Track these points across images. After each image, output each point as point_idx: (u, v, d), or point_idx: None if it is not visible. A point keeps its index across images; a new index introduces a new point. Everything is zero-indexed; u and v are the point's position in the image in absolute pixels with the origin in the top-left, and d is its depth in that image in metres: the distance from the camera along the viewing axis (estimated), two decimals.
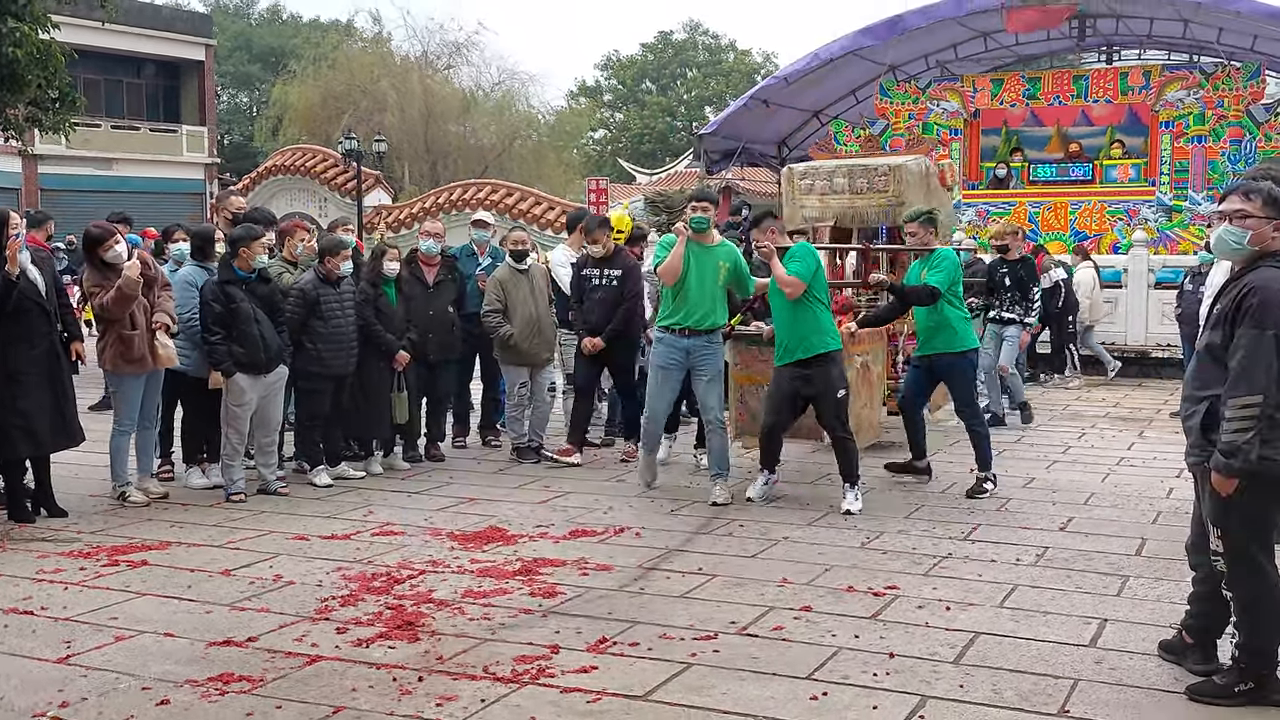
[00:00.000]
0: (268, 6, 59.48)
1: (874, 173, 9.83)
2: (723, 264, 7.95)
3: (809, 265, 7.66)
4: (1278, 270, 4.34)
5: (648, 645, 5.02)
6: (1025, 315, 11.33)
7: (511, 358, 9.28)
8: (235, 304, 7.74)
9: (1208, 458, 4.39)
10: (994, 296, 11.43)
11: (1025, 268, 11.41)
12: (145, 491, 7.89)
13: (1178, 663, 4.76)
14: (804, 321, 7.64)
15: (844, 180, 9.73)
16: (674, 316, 7.95)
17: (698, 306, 7.89)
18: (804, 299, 7.62)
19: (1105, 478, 8.80)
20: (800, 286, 7.57)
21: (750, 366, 8.93)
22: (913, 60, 21.48)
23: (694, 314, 7.89)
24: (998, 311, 11.34)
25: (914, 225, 8.68)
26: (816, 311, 7.66)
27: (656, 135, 57.89)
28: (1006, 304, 11.30)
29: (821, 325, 7.68)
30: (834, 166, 10.33)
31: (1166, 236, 18.20)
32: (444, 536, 6.93)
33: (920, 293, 8.17)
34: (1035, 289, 11.46)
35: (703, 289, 7.88)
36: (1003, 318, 11.32)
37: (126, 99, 36.50)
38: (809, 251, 7.84)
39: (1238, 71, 18.43)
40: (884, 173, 9.80)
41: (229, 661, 4.83)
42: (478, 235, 10.25)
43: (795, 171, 10.21)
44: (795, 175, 10.23)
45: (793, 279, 7.57)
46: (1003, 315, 11.31)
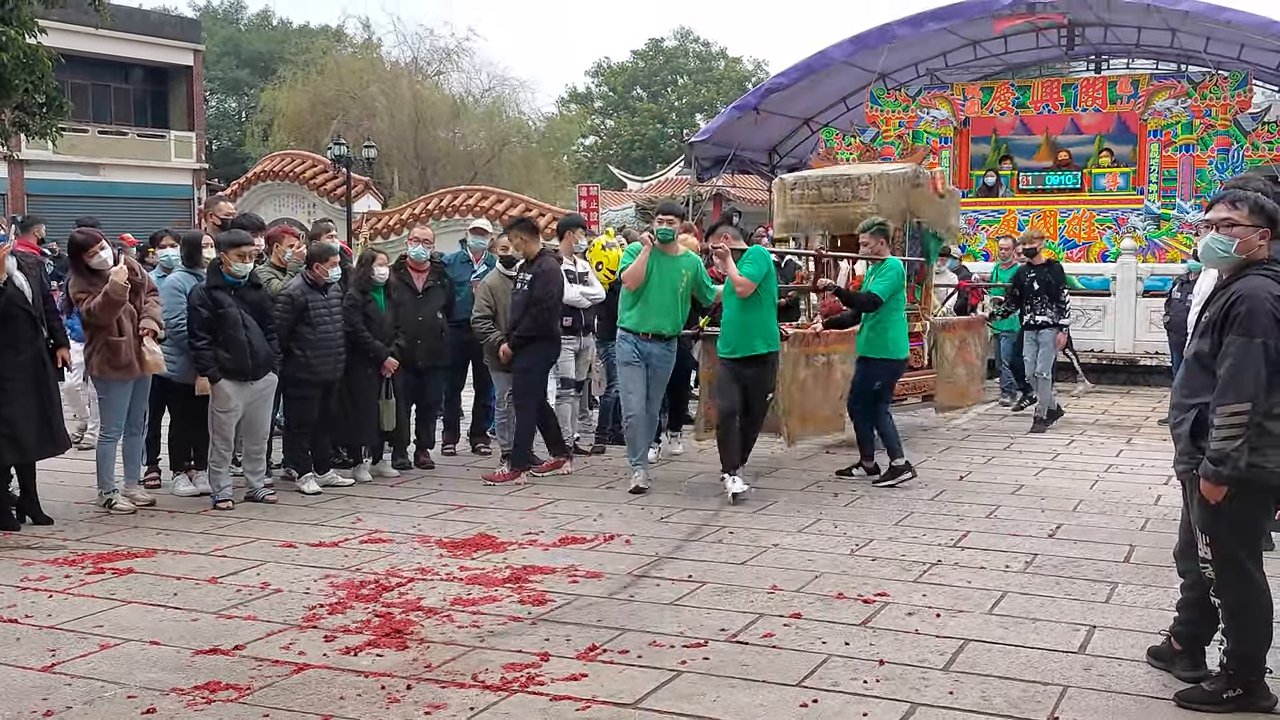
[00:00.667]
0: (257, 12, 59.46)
1: (857, 182, 10.14)
2: (685, 272, 8.47)
3: (760, 268, 8.12)
4: (1265, 278, 4.35)
5: (638, 653, 5.01)
6: (1058, 317, 11.57)
7: (502, 364, 9.25)
8: (223, 309, 7.71)
9: (1196, 465, 4.40)
10: (1025, 302, 11.67)
11: (1053, 271, 11.65)
12: (132, 499, 7.85)
13: (1166, 669, 4.77)
14: (751, 323, 8.13)
15: (831, 189, 10.03)
16: (634, 320, 8.45)
17: (658, 313, 8.39)
18: (753, 300, 8.08)
19: (1094, 485, 8.81)
20: (750, 286, 8.03)
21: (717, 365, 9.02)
22: (903, 68, 21.52)
23: (653, 319, 8.38)
24: (1030, 316, 11.59)
25: (866, 236, 9.05)
26: (763, 313, 8.17)
27: (647, 142, 57.92)
28: (1038, 308, 11.53)
29: (766, 328, 8.18)
30: (820, 176, 10.59)
31: (1155, 245, 18.24)
32: (433, 544, 6.91)
33: (863, 299, 8.76)
34: (1064, 290, 11.73)
35: (664, 296, 8.38)
36: (1036, 322, 11.55)
37: (114, 104, 36.40)
38: (762, 255, 8.30)
39: (1225, 81, 18.49)
40: (865, 181, 10.10)
41: (215, 670, 4.80)
42: (475, 243, 10.23)
43: (786, 182, 10.43)
44: (785, 185, 10.43)
45: (744, 279, 8.05)
46: (1035, 319, 11.55)
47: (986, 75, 22.28)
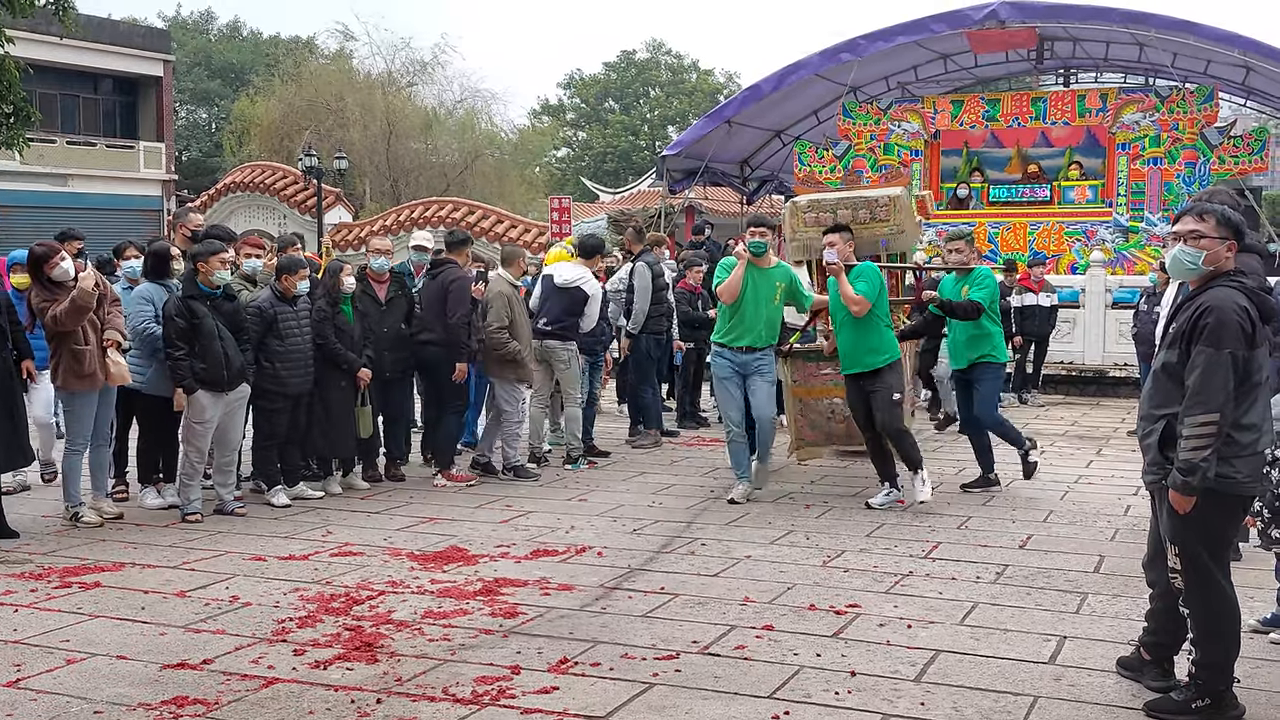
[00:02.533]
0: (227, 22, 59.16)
1: (875, 204, 10.21)
2: (779, 284, 8.52)
3: (874, 285, 8.24)
4: (1232, 289, 4.39)
5: (609, 665, 4.99)
6: None
7: (514, 374, 9.30)
8: (198, 320, 7.66)
9: (1165, 476, 4.43)
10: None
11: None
12: (99, 511, 7.77)
13: (1136, 679, 4.79)
14: (865, 338, 8.25)
15: (848, 212, 10.00)
16: (731, 335, 8.49)
17: (753, 326, 8.42)
18: (868, 316, 8.20)
19: (1064, 495, 8.86)
20: (866, 305, 8.16)
21: (808, 381, 9.52)
22: (874, 81, 21.65)
23: (750, 333, 8.44)
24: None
25: (960, 243, 9.22)
26: (880, 329, 8.27)
27: (619, 154, 58.02)
28: None
29: (881, 343, 8.28)
30: (837, 199, 10.60)
31: (1123, 257, 18.42)
32: (404, 557, 6.87)
33: (967, 308, 8.74)
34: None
35: (758, 309, 8.41)
36: None
37: (83, 114, 36.09)
38: (875, 272, 8.37)
39: (1192, 95, 18.71)
40: (884, 204, 10.18)
41: (183, 684, 4.75)
42: (416, 258, 10.25)
43: (799, 205, 10.35)
44: (799, 209, 10.34)
45: (859, 298, 8.16)
46: None
47: (957, 88, 22.47)
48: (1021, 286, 14.54)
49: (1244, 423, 4.37)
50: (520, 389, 9.42)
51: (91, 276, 7.43)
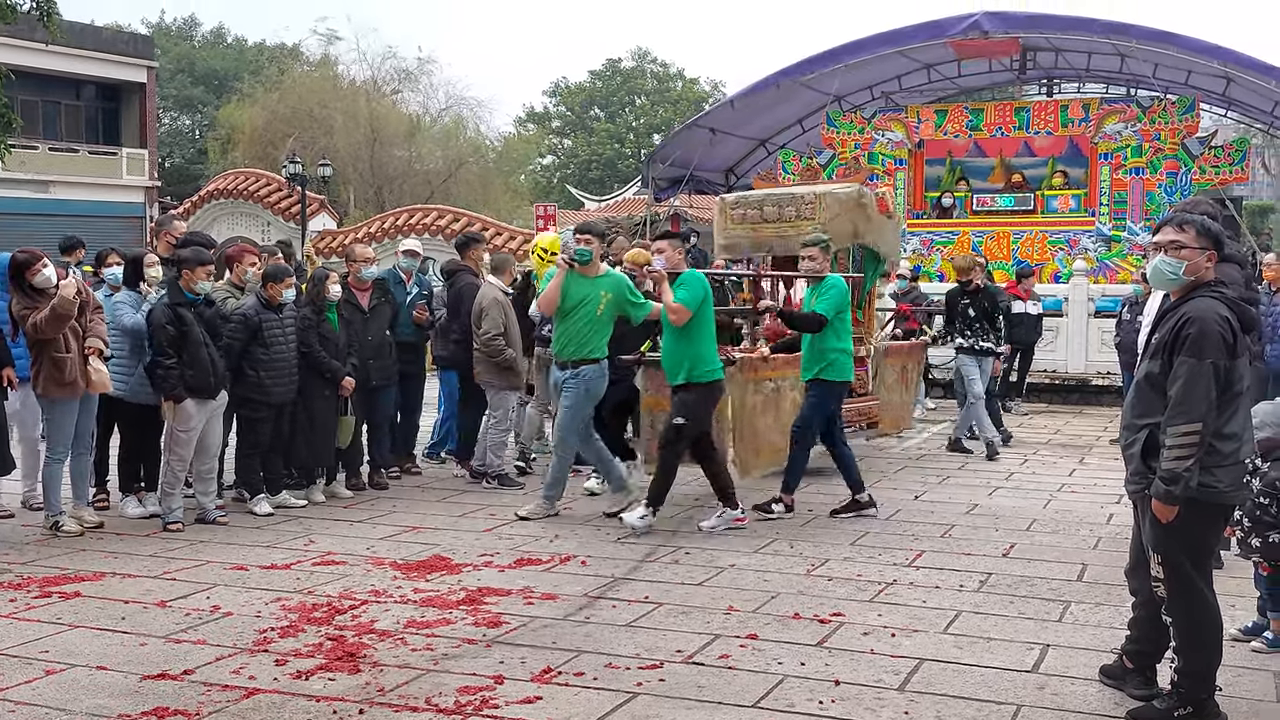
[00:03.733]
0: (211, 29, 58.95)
1: (801, 201, 9.81)
2: (605, 294, 8.03)
3: (695, 293, 7.70)
4: (1213, 300, 4.41)
5: (593, 675, 4.98)
6: (998, 344, 11.42)
7: (506, 381, 9.30)
8: (186, 326, 7.63)
9: (1148, 485, 4.44)
10: (959, 326, 11.35)
11: (987, 297, 11.42)
12: (80, 520, 7.72)
13: (1118, 688, 4.80)
14: (684, 348, 7.74)
15: (774, 209, 9.67)
16: (556, 345, 8.22)
17: (574, 337, 8.05)
18: (689, 326, 7.69)
19: (1047, 504, 8.88)
20: (685, 314, 7.65)
21: (661, 391, 8.63)
22: (858, 90, 21.74)
23: (570, 345, 8.06)
24: (973, 341, 11.25)
25: (813, 249, 8.46)
26: (699, 340, 7.74)
27: (605, 162, 58.02)
28: (980, 334, 11.26)
29: (698, 354, 7.74)
30: (763, 196, 10.28)
31: (1106, 266, 18.51)
32: (387, 566, 6.85)
33: (807, 319, 8.26)
34: (999, 317, 11.50)
35: (580, 321, 8.02)
36: (980, 347, 11.25)
37: (65, 121, 35.92)
38: (698, 279, 7.85)
39: (1173, 105, 18.83)
40: (810, 201, 9.78)
41: (163, 695, 4.72)
42: (405, 263, 10.21)
43: (727, 202, 10.07)
44: (726, 206, 10.08)
45: (678, 305, 7.66)
46: (979, 345, 11.25)
47: (940, 98, 22.55)
48: (1010, 295, 14.51)
49: (1225, 432, 4.39)
50: (509, 396, 9.41)
51: (73, 284, 7.40)
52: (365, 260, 9.30)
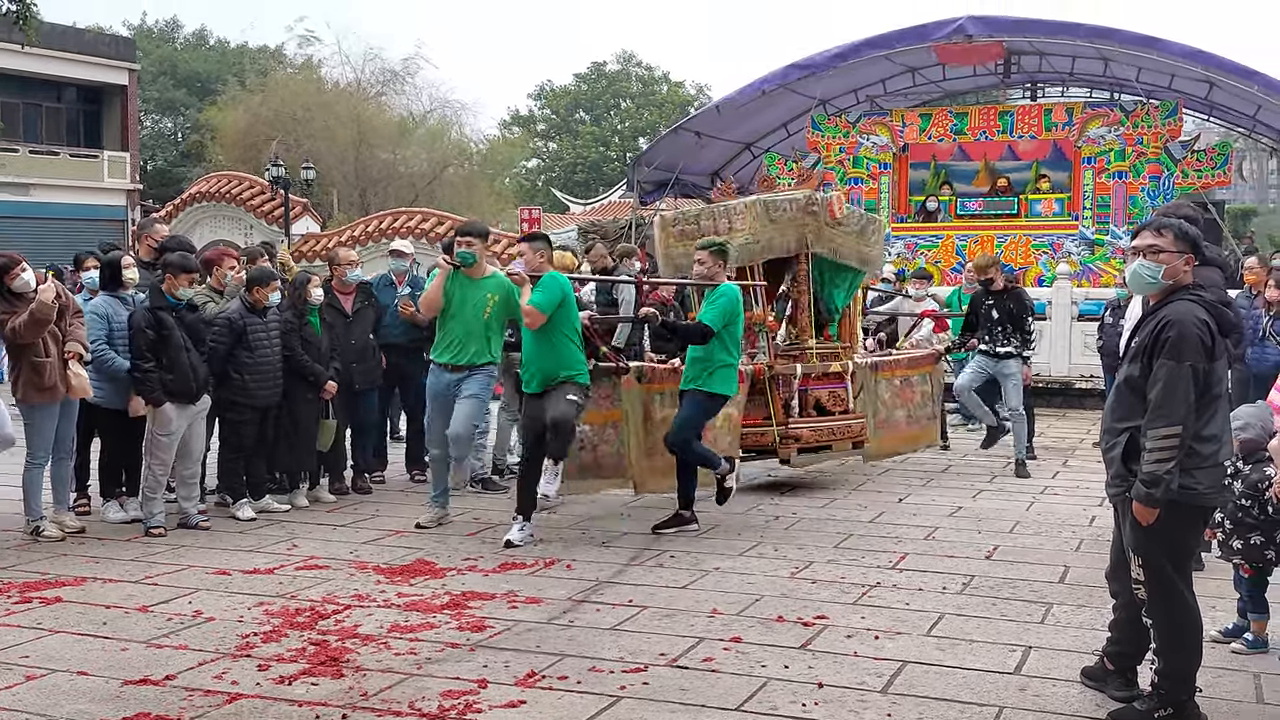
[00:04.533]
0: (193, 31, 58.70)
1: (733, 212, 9.25)
2: (491, 296, 7.85)
3: (552, 296, 7.44)
4: (1192, 303, 4.44)
5: (577, 678, 4.98)
6: (1023, 348, 10.73)
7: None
8: (167, 331, 7.61)
9: (1129, 488, 4.47)
10: (982, 331, 10.68)
11: (1014, 298, 10.77)
12: (61, 526, 7.68)
13: (1100, 689, 4.82)
14: (545, 354, 7.51)
15: (710, 223, 9.15)
16: (438, 349, 7.95)
17: (462, 341, 7.83)
18: (548, 330, 7.46)
19: (1029, 506, 8.92)
20: (539, 317, 7.41)
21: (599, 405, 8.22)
22: (843, 94, 21.79)
23: (457, 348, 7.84)
24: (991, 346, 10.59)
25: (703, 254, 7.97)
26: (558, 344, 7.48)
27: (590, 165, 58.02)
28: (1000, 338, 10.57)
29: (560, 359, 7.49)
30: (700, 210, 9.78)
31: (1089, 269, 18.59)
32: (370, 570, 6.83)
33: (692, 330, 7.83)
34: (1029, 319, 10.85)
35: (466, 323, 7.83)
36: (998, 352, 10.56)
37: (46, 123, 35.75)
38: (555, 282, 7.53)
39: (1156, 110, 18.93)
40: (739, 211, 9.21)
41: (145, 700, 4.70)
42: (396, 265, 10.16)
43: (667, 220, 9.49)
44: (668, 224, 9.45)
45: (531, 309, 7.44)
46: (998, 350, 10.56)
47: (925, 102, 22.63)
48: None
49: (1205, 434, 4.42)
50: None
51: (51, 289, 7.36)
52: (349, 264, 9.29)
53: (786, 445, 9.28)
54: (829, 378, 9.62)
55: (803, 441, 9.31)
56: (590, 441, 8.21)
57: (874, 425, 10.14)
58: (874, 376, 10.26)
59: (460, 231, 8.14)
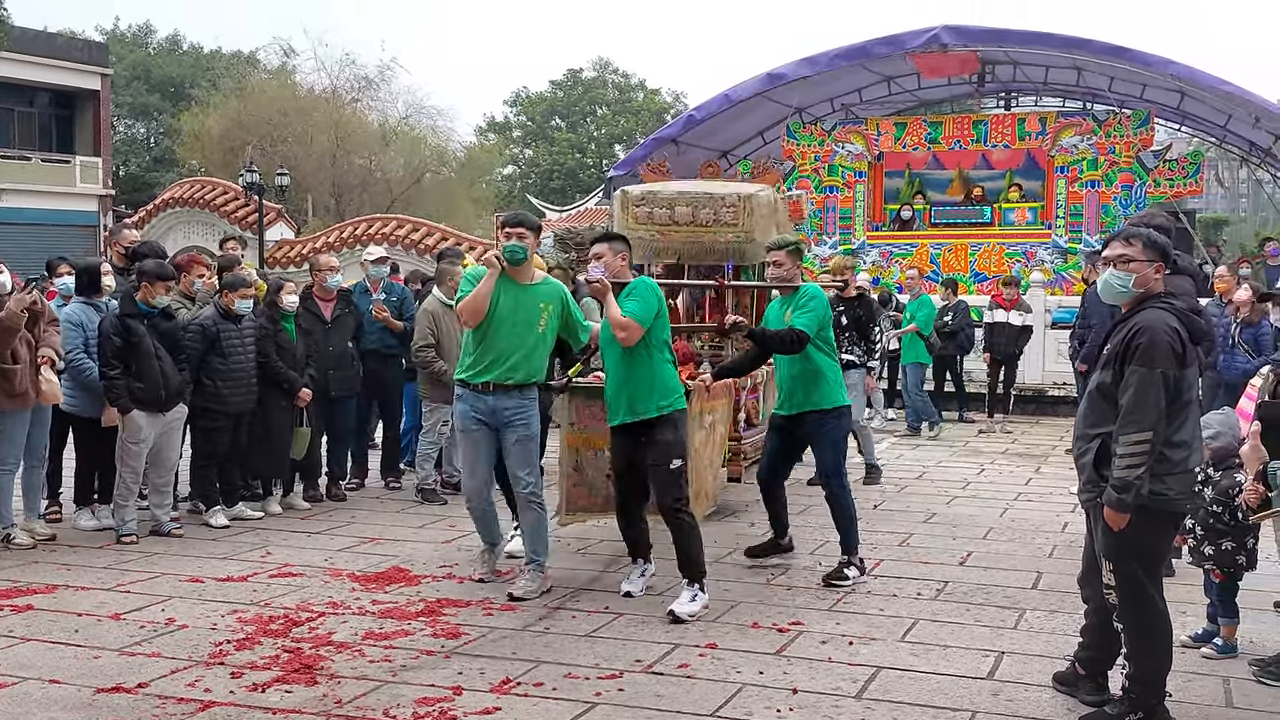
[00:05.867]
0: (166, 36, 58.38)
1: (721, 203, 8.34)
2: (545, 306, 6.47)
3: (649, 305, 6.29)
4: (1163, 311, 4.49)
5: (552, 685, 4.98)
6: (867, 358, 10.37)
7: (441, 394, 8.87)
8: (136, 339, 7.56)
9: (1100, 494, 4.50)
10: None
11: (863, 306, 10.37)
12: (31, 533, 7.61)
13: (1071, 694, 4.86)
14: (637, 376, 6.31)
15: (687, 210, 8.22)
16: (476, 368, 6.46)
17: (507, 357, 6.40)
18: (640, 348, 6.30)
19: (1003, 512, 8.97)
20: (637, 330, 6.23)
21: (588, 426, 7.26)
22: (819, 103, 21.86)
23: (501, 366, 6.40)
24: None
25: (780, 254, 7.18)
26: (654, 364, 6.33)
27: (566, 172, 58.02)
28: (844, 345, 9.87)
29: (657, 382, 6.32)
30: (676, 194, 8.68)
31: (1062, 278, 18.71)
32: (345, 577, 6.80)
33: (786, 338, 6.84)
34: (875, 329, 10.51)
35: (515, 336, 6.41)
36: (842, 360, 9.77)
37: (17, 128, 35.49)
38: (650, 289, 6.43)
39: (1128, 119, 19.09)
40: (733, 203, 8.34)
41: (117, 708, 4.67)
42: (374, 271, 10.09)
43: (630, 196, 8.38)
44: (630, 201, 8.37)
45: (628, 320, 6.22)
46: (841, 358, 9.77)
47: (900, 110, 22.73)
48: (993, 302, 14.31)
49: (1175, 440, 4.47)
50: (441, 410, 9.00)
51: (23, 299, 7.30)
52: (329, 269, 9.23)
53: (737, 462, 8.67)
54: (754, 389, 9.02)
55: (749, 458, 8.64)
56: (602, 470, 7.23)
57: None
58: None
59: (509, 222, 6.63)
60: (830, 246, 20.16)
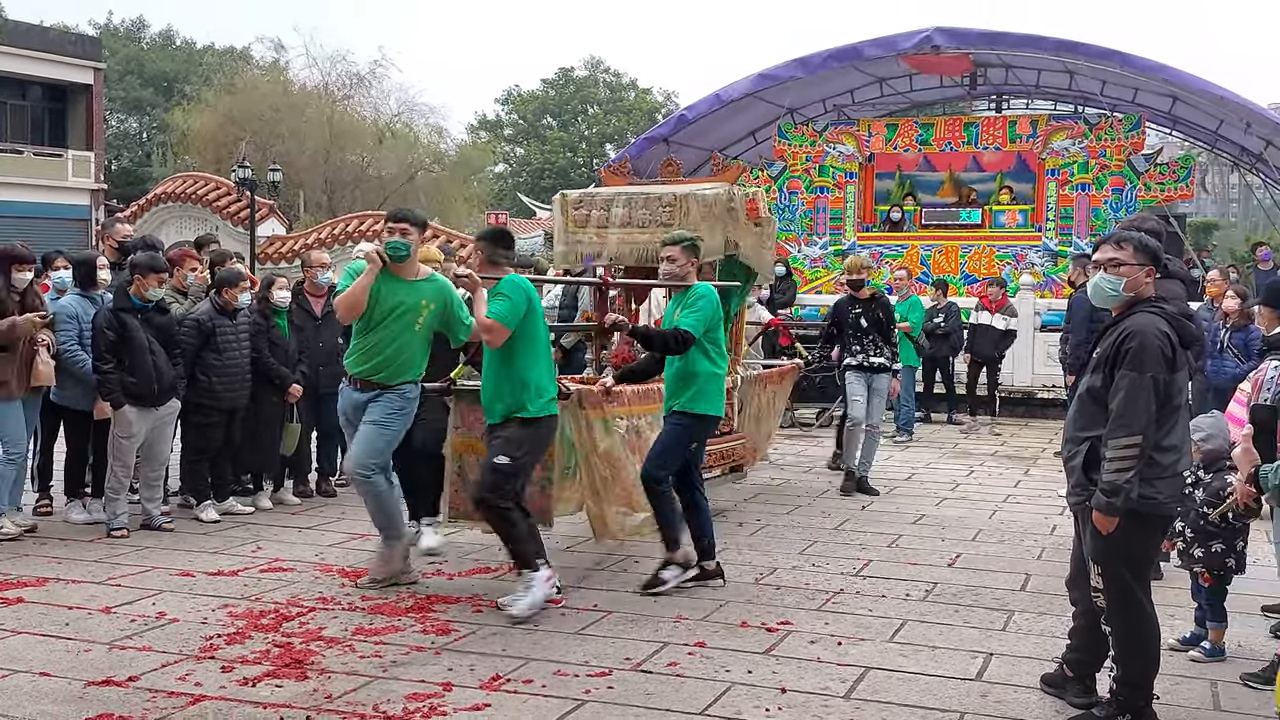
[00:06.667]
0: (160, 31, 58.32)
1: (658, 203, 8.09)
2: (426, 304, 6.40)
3: (517, 306, 6.07)
4: (1153, 315, 4.51)
5: (542, 682, 4.99)
6: (893, 361, 10.02)
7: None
8: (129, 333, 7.56)
9: (1089, 497, 4.53)
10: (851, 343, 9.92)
11: (881, 306, 10.04)
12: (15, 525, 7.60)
13: (1059, 696, 4.89)
14: (506, 376, 6.13)
15: (622, 210, 7.94)
16: (352, 360, 6.48)
17: (382, 352, 6.37)
18: (511, 347, 6.11)
19: (993, 514, 9.00)
20: (502, 332, 6.03)
21: (472, 430, 6.90)
22: (811, 103, 21.90)
23: (375, 361, 6.38)
24: (864, 358, 9.84)
25: (674, 250, 6.83)
26: (523, 364, 6.13)
27: (557, 170, 58.01)
28: (872, 349, 9.84)
29: (522, 381, 6.11)
30: (613, 195, 8.40)
31: (1052, 280, 18.76)
32: (335, 573, 6.81)
33: (670, 338, 6.56)
34: (894, 329, 10.22)
35: (394, 332, 6.35)
36: (872, 364, 9.84)
37: (10, 122, 35.39)
38: (517, 287, 6.16)
39: (1119, 123, 19.15)
40: (668, 203, 8.04)
41: (108, 702, 4.67)
42: None
43: (569, 200, 8.13)
44: (569, 204, 8.11)
45: (491, 321, 6.02)
46: (871, 361, 9.84)
47: (892, 112, 22.76)
48: (980, 304, 14.33)
49: (1165, 444, 4.49)
50: None
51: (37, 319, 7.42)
52: (320, 265, 9.24)
53: None
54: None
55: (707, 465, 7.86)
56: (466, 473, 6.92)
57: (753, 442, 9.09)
58: (751, 390, 9.14)
59: (392, 217, 6.54)
60: (820, 247, 20.21)
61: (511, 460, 6.03)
